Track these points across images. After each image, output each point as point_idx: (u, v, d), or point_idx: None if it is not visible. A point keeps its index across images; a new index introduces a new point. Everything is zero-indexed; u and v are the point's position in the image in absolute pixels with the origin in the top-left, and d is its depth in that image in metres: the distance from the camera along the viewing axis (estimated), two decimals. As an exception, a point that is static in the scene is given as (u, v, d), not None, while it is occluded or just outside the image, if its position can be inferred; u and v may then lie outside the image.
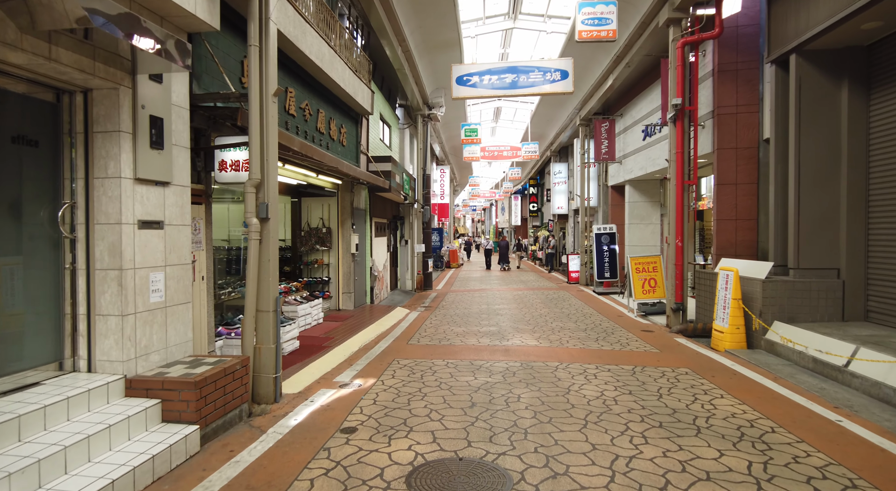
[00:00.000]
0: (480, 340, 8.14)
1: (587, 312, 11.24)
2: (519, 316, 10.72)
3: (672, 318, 9.41)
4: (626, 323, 9.90)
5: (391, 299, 13.87)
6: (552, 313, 11.06)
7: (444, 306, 12.44)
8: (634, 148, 14.60)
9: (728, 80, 9.67)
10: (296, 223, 10.87)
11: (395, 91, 15.68)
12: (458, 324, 9.79)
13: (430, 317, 10.73)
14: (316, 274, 10.87)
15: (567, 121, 19.66)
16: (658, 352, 7.40)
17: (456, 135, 23.52)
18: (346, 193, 10.80)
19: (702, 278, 9.21)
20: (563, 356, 7.02)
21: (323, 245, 10.63)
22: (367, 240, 11.99)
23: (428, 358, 6.91)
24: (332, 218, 10.84)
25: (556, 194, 24.54)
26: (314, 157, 6.89)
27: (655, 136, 12.97)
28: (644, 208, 15.49)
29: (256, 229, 4.82)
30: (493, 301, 13.30)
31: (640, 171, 14.11)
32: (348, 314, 10.30)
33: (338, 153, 9.71)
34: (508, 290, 16.11)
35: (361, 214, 11.57)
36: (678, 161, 9.29)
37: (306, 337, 8.04)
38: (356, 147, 10.91)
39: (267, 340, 4.92)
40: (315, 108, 8.57)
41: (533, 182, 32.62)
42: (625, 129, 15.52)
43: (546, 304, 12.64)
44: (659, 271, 11.23)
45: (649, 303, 11.12)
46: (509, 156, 23.29)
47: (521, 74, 12.76)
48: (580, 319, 10.27)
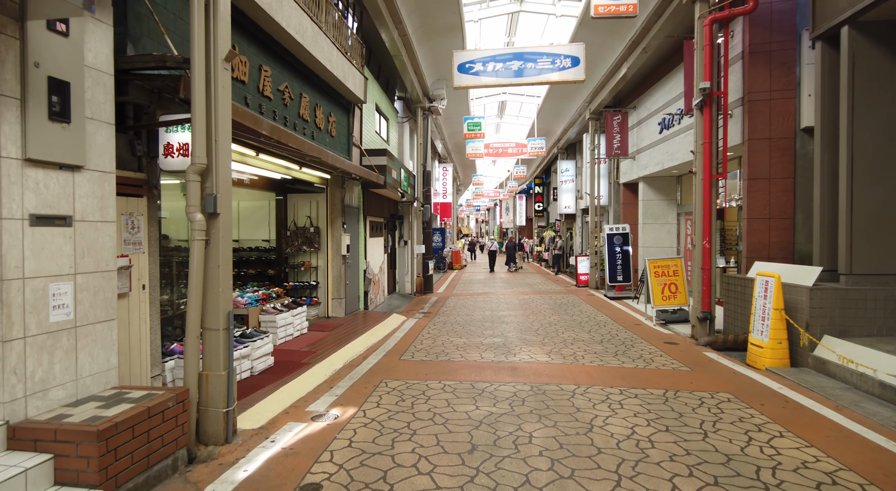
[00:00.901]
0: (483, 355, 7.15)
1: (600, 320, 10.23)
2: (526, 324, 9.72)
3: (698, 328, 8.39)
4: (645, 333, 8.89)
5: (388, 304, 12.89)
6: (562, 321, 10.05)
7: (445, 312, 11.45)
8: (649, 142, 13.57)
9: (760, 63, 8.65)
10: (281, 222, 9.90)
11: (393, 82, 14.70)
12: (459, 334, 8.80)
13: (428, 325, 9.74)
14: (303, 278, 9.90)
15: (575, 115, 18.63)
16: (689, 370, 6.39)
17: (459, 131, 22.53)
18: (337, 189, 9.82)
19: (732, 284, 8.20)
20: (580, 377, 6.02)
21: (310, 246, 9.66)
22: (360, 240, 11.02)
23: (422, 379, 5.91)
24: (320, 216, 9.87)
25: (563, 193, 23.51)
26: (290, 144, 5.92)
27: (674, 129, 11.95)
28: (659, 207, 14.46)
29: (201, 227, 3.84)
30: (497, 306, 12.30)
31: (656, 167, 13.09)
32: (337, 323, 9.32)
33: (325, 144, 8.73)
34: (514, 294, 15.11)
35: (354, 213, 10.59)
36: (705, 152, 8.28)
37: (285, 351, 7.07)
38: (347, 139, 9.93)
39: (216, 366, 3.94)
40: (297, 91, 7.60)
41: (538, 181, 31.59)
42: (638, 122, 14.50)
43: (555, 310, 11.64)
44: (680, 275, 10.21)
45: (669, 310, 10.11)
46: (514, 153, 22.26)
47: (529, 61, 11.77)
48: (594, 329, 9.26)
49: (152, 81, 4.12)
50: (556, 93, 18.06)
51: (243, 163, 6.72)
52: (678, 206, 14.25)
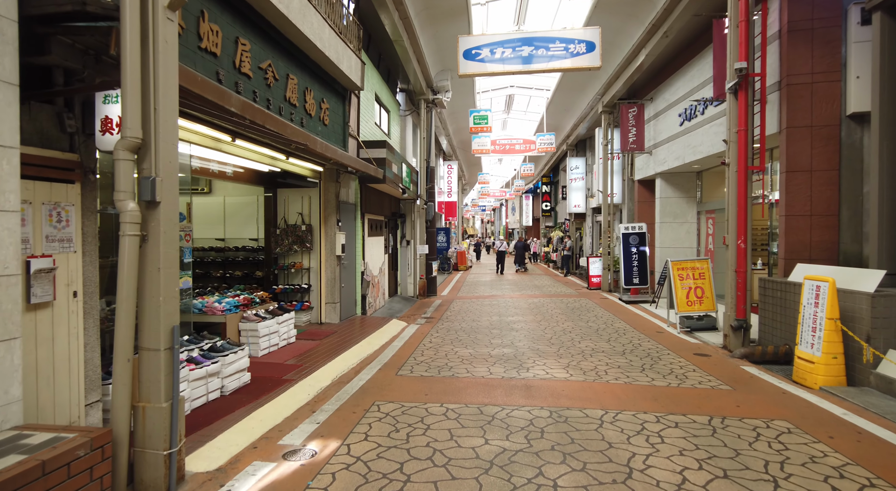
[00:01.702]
0: (492, 369, 6.28)
1: (619, 327, 9.35)
2: (538, 332, 8.84)
3: (731, 338, 7.50)
4: (670, 342, 8.00)
5: (388, 308, 12.05)
6: (578, 328, 9.17)
7: (449, 317, 10.59)
8: (668, 135, 12.67)
9: (801, 42, 7.75)
10: (270, 220, 9.07)
11: (395, 73, 13.87)
12: (464, 343, 7.94)
13: (430, 332, 8.88)
14: (294, 280, 9.07)
15: (587, 109, 17.74)
16: (731, 390, 5.50)
17: (464, 127, 21.67)
18: (331, 184, 8.98)
19: (770, 289, 7.30)
20: (607, 398, 5.14)
21: (302, 246, 8.83)
22: (357, 240, 10.18)
23: (420, 401, 5.05)
24: (313, 213, 9.03)
25: (572, 191, 22.62)
26: (269, 126, 5.08)
27: (697, 120, 11.05)
28: (678, 205, 13.54)
29: (134, 219, 3.01)
30: (505, 311, 11.43)
31: (676, 162, 12.19)
32: (331, 330, 8.48)
33: (317, 133, 7.90)
34: (522, 297, 14.23)
35: (350, 210, 9.75)
36: (740, 141, 7.39)
37: (266, 365, 6.23)
38: (342, 128, 9.10)
39: (155, 396, 3.10)
40: (283, 72, 6.76)
41: (546, 180, 30.69)
42: (656, 114, 13.59)
43: (568, 315, 10.76)
44: (707, 278, 9.31)
45: (694, 316, 9.22)
46: (522, 150, 21.39)
47: (539, 47, 10.91)
48: (613, 337, 8.37)
49: (82, 37, 3.28)
50: (567, 85, 17.18)
51: (217, 149, 5.89)
52: (698, 204, 13.33)
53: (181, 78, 3.51)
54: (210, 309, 6.38)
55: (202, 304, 6.48)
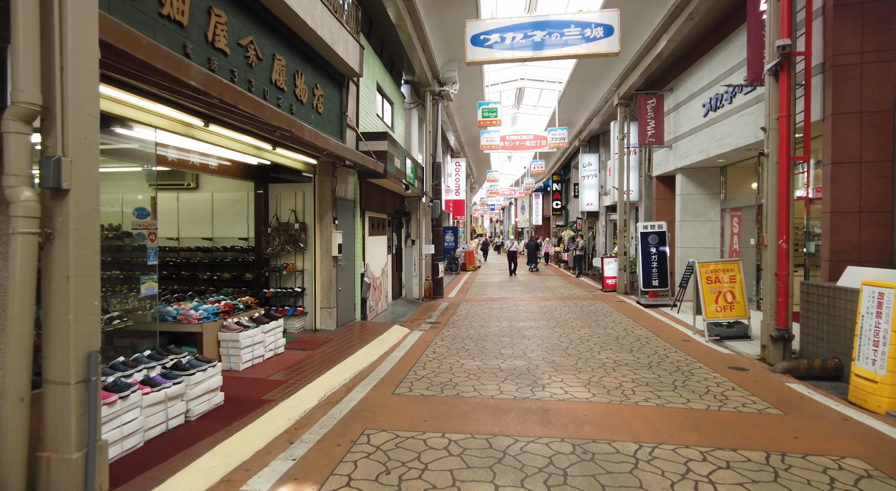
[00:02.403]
0: (503, 388, 5.52)
1: (641, 335, 8.54)
2: (552, 340, 8.07)
3: (771, 349, 6.69)
4: (700, 353, 7.19)
5: (391, 312, 11.32)
6: (596, 336, 8.38)
7: (456, 322, 9.84)
8: (690, 128, 11.84)
9: (849, 18, 6.91)
10: (261, 217, 8.35)
11: (399, 63, 13.13)
12: (471, 353, 7.19)
13: (435, 340, 8.13)
14: (286, 283, 8.35)
15: (601, 102, 16.89)
16: (782, 414, 4.70)
17: (472, 122, 20.89)
18: (326, 178, 8.25)
19: (815, 295, 6.48)
20: (639, 426, 4.36)
21: (295, 246, 8.11)
22: (356, 239, 9.45)
23: (418, 429, 4.29)
24: (307, 210, 8.31)
25: (584, 189, 21.80)
26: (241, 106, 4.35)
27: (723, 110, 10.21)
28: (700, 202, 12.69)
29: (30, 212, 2.28)
30: (516, 315, 10.65)
31: (699, 156, 11.35)
32: (325, 337, 7.75)
33: (310, 122, 7.18)
34: (534, 299, 13.44)
35: (348, 207, 9.02)
36: (782, 129, 6.57)
37: (246, 381, 5.50)
38: (339, 118, 8.37)
39: (63, 445, 2.37)
40: (268, 51, 6.04)
41: (556, 177, 29.84)
42: (676, 106, 12.75)
43: (584, 320, 9.96)
44: (738, 282, 8.48)
45: (723, 323, 8.39)
46: (533, 145, 20.58)
47: (553, 31, 10.12)
48: (636, 347, 7.58)
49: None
50: (580, 77, 16.36)
51: (189, 136, 5.17)
52: (722, 201, 12.48)
53: (115, 36, 2.79)
54: (185, 317, 5.67)
55: (178, 311, 5.78)
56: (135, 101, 4.22)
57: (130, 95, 4.10)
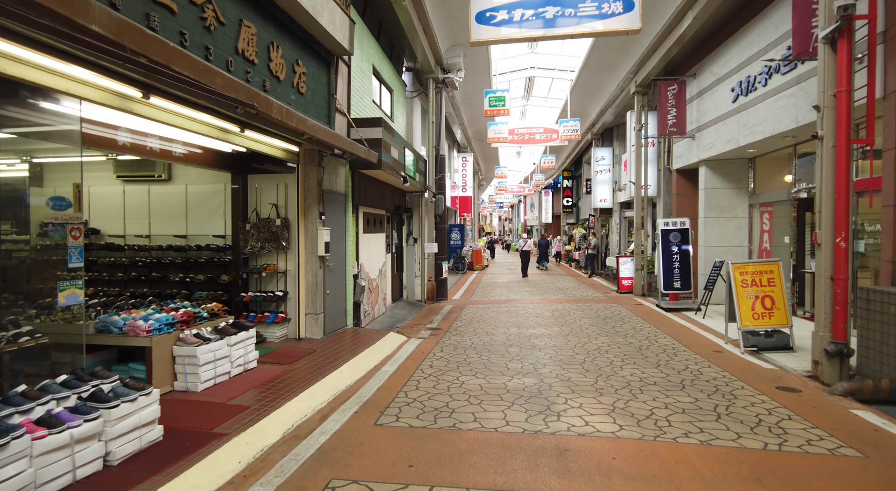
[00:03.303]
0: (510, 416, 4.57)
1: (666, 345, 7.57)
2: (567, 351, 7.11)
3: (826, 366, 5.69)
4: (737, 368, 6.21)
5: (390, 316, 10.40)
6: (616, 346, 7.41)
7: (459, 329, 8.91)
8: (716, 115, 10.81)
9: (917, -23, 5.89)
10: (238, 212, 7.45)
11: (399, 48, 12.20)
12: (474, 367, 6.25)
13: (433, 350, 7.20)
14: (267, 286, 7.45)
15: (616, 92, 15.85)
16: (862, 457, 3.72)
17: (479, 115, 19.92)
18: (312, 168, 7.34)
19: (879, 302, 5.48)
20: (683, 476, 3.39)
21: (276, 244, 7.21)
22: (348, 237, 8.53)
23: (400, 479, 3.35)
24: (290, 204, 7.40)
25: (597, 185, 20.76)
26: (176, 68, 3.43)
27: (757, 93, 9.18)
28: (726, 197, 11.65)
29: None
30: (525, 321, 9.70)
31: (727, 146, 10.33)
32: (308, 348, 6.84)
33: (288, 102, 6.26)
34: (544, 302, 12.47)
35: (338, 201, 8.11)
36: (840, 106, 5.57)
37: (199, 407, 4.59)
38: (327, 101, 7.45)
39: None
40: (233, 15, 5.12)
41: (567, 174, 28.77)
42: (700, 92, 11.72)
43: (600, 327, 8.99)
44: (778, 285, 7.48)
45: (760, 332, 7.40)
46: (543, 139, 19.58)
47: (567, 6, 9.14)
48: (663, 360, 6.61)
49: None
50: (594, 64, 15.33)
51: (127, 110, 4.26)
52: (751, 196, 11.44)
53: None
54: (132, 328, 4.78)
55: (125, 321, 4.88)
56: (43, 60, 3.32)
57: (36, 54, 3.21)
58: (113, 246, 7.90)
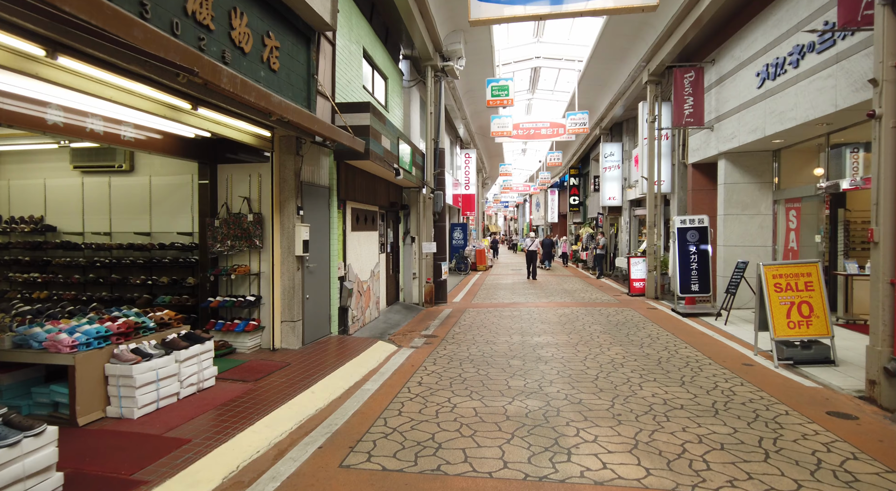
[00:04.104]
0: (508, 454, 3.71)
1: (688, 356, 6.69)
2: (576, 365, 6.24)
3: (885, 388, 4.81)
4: (775, 387, 5.33)
5: (384, 321, 9.57)
6: (631, 358, 6.54)
7: (456, 337, 8.06)
8: (739, 103, 9.90)
9: None
10: (206, 207, 6.64)
11: (395, 32, 11.37)
12: (469, 386, 5.40)
13: (425, 364, 6.35)
14: (238, 290, 6.63)
15: (627, 82, 14.94)
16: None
17: (483, 109, 19.05)
18: (288, 157, 6.51)
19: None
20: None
21: (248, 242, 6.38)
22: (332, 235, 7.69)
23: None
24: (263, 198, 6.58)
25: (606, 182, 19.87)
26: (66, 7, 2.60)
27: (787, 76, 8.28)
28: (748, 193, 10.74)
29: None
30: (530, 327, 8.84)
31: (750, 136, 9.43)
32: (282, 361, 6.01)
33: (257, 79, 5.43)
34: (550, 306, 11.60)
35: (321, 195, 7.28)
36: (904, 79, 4.68)
37: (127, 441, 3.75)
38: (306, 82, 6.62)
39: None
40: (180, -31, 4.29)
41: (574, 172, 27.86)
42: (720, 79, 10.82)
43: (613, 334, 8.12)
44: (817, 290, 6.58)
45: (796, 342, 6.52)
46: (549, 134, 18.69)
47: (576, -19, 8.26)
48: (687, 375, 5.74)
49: None
50: (604, 53, 14.43)
51: (32, 75, 3.42)
52: (775, 191, 10.53)
53: None
54: (52, 343, 3.95)
55: (47, 333, 4.06)
56: None
57: None
58: (70, 245, 7.10)
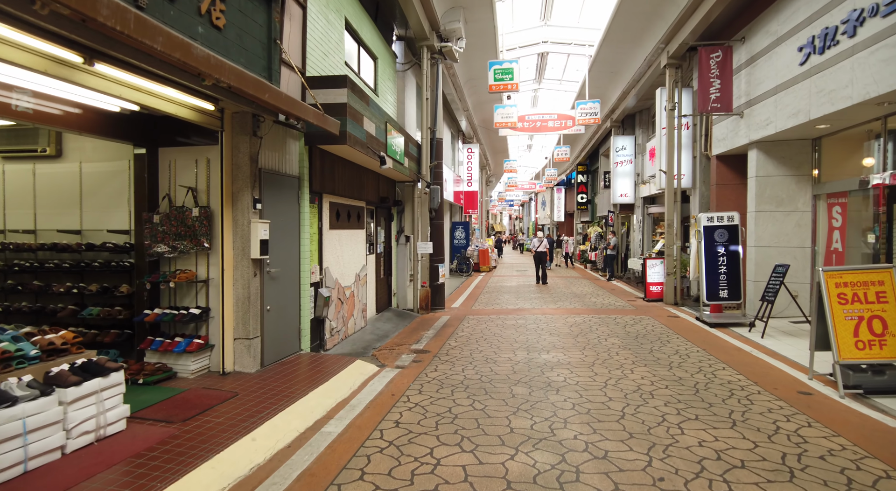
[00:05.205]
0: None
1: (731, 382, 5.47)
2: (596, 395, 5.03)
3: None
4: (854, 430, 4.11)
5: (371, 331, 8.39)
6: (661, 383, 5.33)
7: (451, 353, 6.87)
8: (776, 84, 8.66)
9: None
10: (143, 199, 5.46)
11: (386, 9, 10.19)
12: (461, 429, 4.21)
13: (407, 394, 5.16)
14: (183, 300, 5.45)
15: (643, 67, 13.67)
16: None
17: (486, 100, 17.85)
18: (242, 138, 5.32)
19: None
20: None
21: (194, 242, 5.21)
22: (303, 233, 6.50)
23: None
24: (212, 188, 5.40)
25: (617, 178, 18.64)
26: None
27: (838, 49, 7.04)
28: (783, 187, 9.49)
29: None
30: (536, 340, 7.63)
31: (791, 121, 8.19)
32: (228, 391, 4.82)
33: (195, 36, 4.24)
34: (559, 312, 10.38)
35: (286, 185, 6.10)
36: None
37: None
38: (265, 48, 5.42)
39: None
40: None
41: (582, 168, 26.58)
42: (751, 59, 9.57)
43: (635, 351, 6.90)
44: (892, 302, 5.36)
45: (864, 366, 5.29)
46: (557, 127, 17.45)
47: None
48: (738, 412, 4.53)
49: None
50: (617, 34, 13.19)
51: None
52: (815, 185, 9.27)
53: None
54: None
55: None
56: None
57: None
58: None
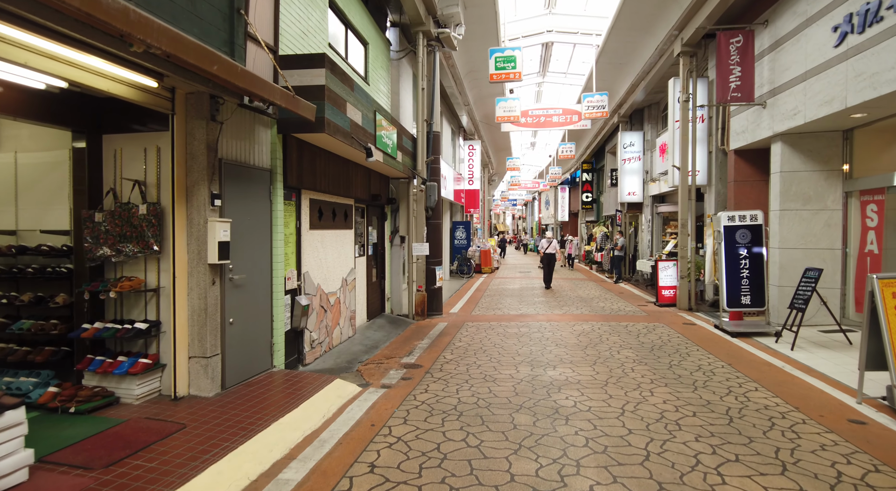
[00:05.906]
0: None
1: (768, 408, 4.68)
2: (612, 425, 4.24)
3: None
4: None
5: (360, 341, 7.62)
6: (687, 409, 4.53)
7: (446, 368, 6.09)
8: (805, 70, 7.85)
9: None
10: (83, 196, 4.70)
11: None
12: (449, 479, 3.43)
13: (388, 424, 4.39)
14: (130, 313, 4.69)
15: (654, 57, 12.85)
16: None
17: (488, 94, 17.05)
18: (197, 123, 4.55)
19: None
20: None
21: (140, 245, 4.45)
22: (275, 234, 5.73)
23: None
24: (163, 181, 4.63)
25: (625, 175, 17.85)
26: None
27: (882, 26, 6.24)
28: (811, 183, 8.68)
29: None
30: (541, 353, 6.85)
31: (823, 110, 7.39)
32: (176, 422, 4.05)
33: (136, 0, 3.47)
34: (565, 318, 9.59)
35: (255, 179, 5.32)
36: None
37: None
38: (227, 18, 4.65)
39: None
40: None
41: (587, 167, 25.75)
42: (775, 44, 8.76)
43: (652, 366, 6.11)
44: (961, 315, 4.56)
45: (926, 389, 4.50)
46: (562, 122, 16.67)
47: None
48: (784, 449, 3.73)
49: None
50: (627, 22, 12.38)
51: None
52: (846, 181, 8.47)
53: None
54: None
55: None
56: None
57: None
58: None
